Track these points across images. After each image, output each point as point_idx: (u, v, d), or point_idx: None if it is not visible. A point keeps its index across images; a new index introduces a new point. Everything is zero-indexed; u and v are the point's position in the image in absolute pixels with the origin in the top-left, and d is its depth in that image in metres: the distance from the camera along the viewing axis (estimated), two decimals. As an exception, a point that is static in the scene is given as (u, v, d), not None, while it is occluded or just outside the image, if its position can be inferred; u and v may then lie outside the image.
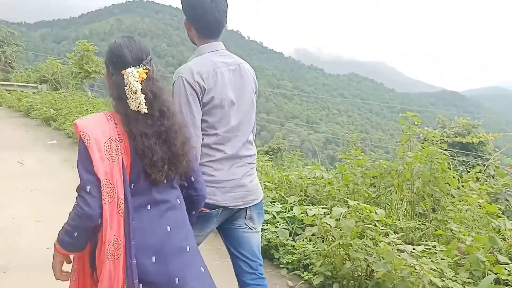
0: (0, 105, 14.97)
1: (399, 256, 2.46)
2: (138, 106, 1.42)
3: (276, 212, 3.58)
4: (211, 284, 1.62)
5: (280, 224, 3.49)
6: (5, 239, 3.79)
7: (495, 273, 2.46)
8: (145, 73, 1.46)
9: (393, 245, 2.54)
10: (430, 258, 2.57)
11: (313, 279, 2.97)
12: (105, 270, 1.37)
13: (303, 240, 3.30)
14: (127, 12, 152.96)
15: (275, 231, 3.40)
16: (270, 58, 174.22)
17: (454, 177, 3.38)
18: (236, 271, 1.96)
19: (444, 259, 2.65)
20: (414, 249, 2.53)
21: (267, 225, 3.45)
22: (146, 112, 1.43)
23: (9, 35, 32.39)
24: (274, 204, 3.74)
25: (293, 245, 3.31)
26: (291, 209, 3.66)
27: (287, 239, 3.38)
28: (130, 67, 1.44)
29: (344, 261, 2.85)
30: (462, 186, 3.42)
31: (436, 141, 4.14)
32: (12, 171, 6.34)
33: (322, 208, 3.01)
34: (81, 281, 1.54)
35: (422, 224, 3.29)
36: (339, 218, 2.77)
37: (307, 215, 3.06)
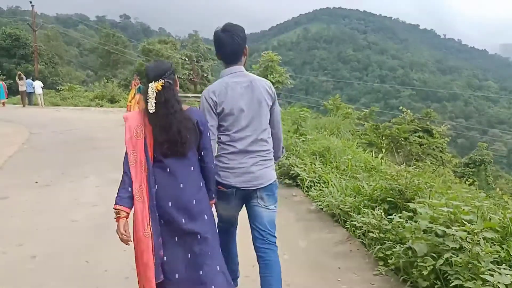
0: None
1: None
2: (151, 107, 2.13)
3: (505, 284, 2.32)
4: (213, 229, 2.33)
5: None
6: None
7: None
8: (161, 85, 2.14)
9: None
10: None
11: None
12: (137, 209, 2.14)
13: None
14: (314, 21, 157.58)
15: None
16: (470, 56, 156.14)
17: None
18: (252, 238, 2.56)
19: None
20: None
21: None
22: (153, 111, 2.13)
23: (207, 51, 37.30)
24: (500, 268, 2.46)
25: None
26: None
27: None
28: (152, 82, 2.16)
29: None
30: None
31: None
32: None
33: None
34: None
35: None
36: None
37: None
